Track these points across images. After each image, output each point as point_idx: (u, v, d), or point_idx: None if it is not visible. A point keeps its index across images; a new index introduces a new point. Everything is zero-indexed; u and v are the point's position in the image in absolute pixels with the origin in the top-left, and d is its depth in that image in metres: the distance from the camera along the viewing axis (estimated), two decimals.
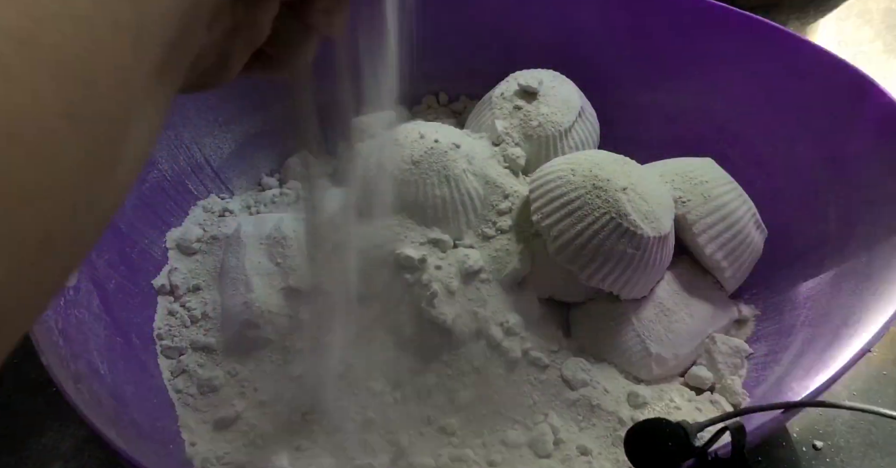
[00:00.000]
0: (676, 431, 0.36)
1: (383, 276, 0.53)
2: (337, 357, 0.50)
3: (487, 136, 0.61)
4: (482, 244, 0.55)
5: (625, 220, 0.50)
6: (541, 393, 0.52)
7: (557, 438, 0.50)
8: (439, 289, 0.52)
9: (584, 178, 0.52)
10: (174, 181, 0.62)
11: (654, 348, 0.53)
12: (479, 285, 0.53)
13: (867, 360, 0.57)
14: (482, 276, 0.53)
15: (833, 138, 0.57)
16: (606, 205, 0.50)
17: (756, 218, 0.57)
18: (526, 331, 0.54)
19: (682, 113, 0.66)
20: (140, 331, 0.54)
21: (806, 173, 0.59)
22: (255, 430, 0.50)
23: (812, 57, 0.58)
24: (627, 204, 0.51)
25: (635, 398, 0.52)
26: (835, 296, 0.51)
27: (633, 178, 0.52)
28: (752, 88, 0.62)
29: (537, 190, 0.53)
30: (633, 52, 0.66)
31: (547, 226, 0.52)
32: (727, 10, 0.62)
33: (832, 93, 0.57)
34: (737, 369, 0.54)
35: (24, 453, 0.52)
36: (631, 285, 0.53)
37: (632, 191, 0.51)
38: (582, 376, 0.52)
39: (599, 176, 0.51)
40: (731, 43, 0.62)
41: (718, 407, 0.52)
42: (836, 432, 0.53)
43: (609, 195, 0.51)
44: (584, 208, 0.51)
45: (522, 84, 0.62)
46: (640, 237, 0.50)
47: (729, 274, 0.57)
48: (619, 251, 0.51)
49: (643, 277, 0.53)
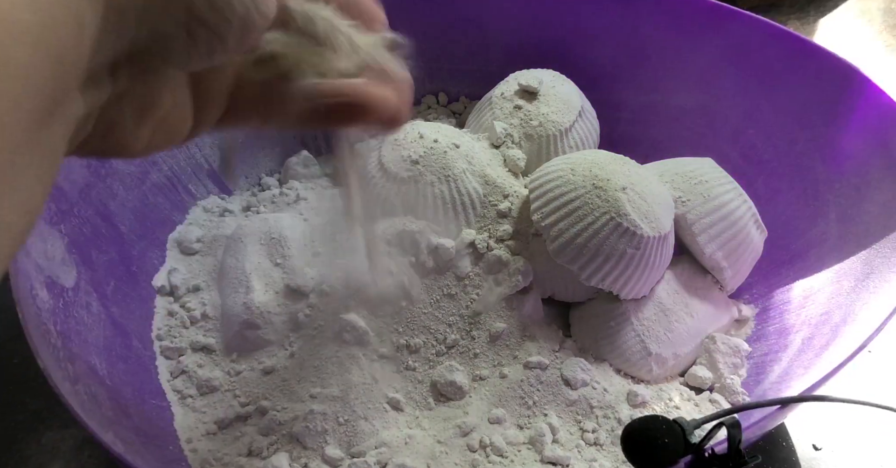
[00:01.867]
0: (673, 428, 0.36)
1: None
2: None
3: (487, 137, 0.61)
4: (484, 251, 0.55)
5: (625, 220, 0.50)
6: (541, 393, 0.52)
7: (557, 438, 0.50)
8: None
9: (583, 178, 0.52)
10: (174, 181, 0.63)
11: (653, 348, 0.53)
12: (478, 287, 0.54)
13: (867, 360, 0.57)
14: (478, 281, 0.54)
15: (833, 138, 0.57)
16: (606, 204, 0.50)
17: (756, 217, 0.57)
18: (526, 332, 0.54)
19: (682, 113, 0.66)
20: (139, 332, 0.54)
21: (806, 173, 0.59)
22: (254, 431, 0.50)
23: (812, 56, 0.58)
24: (627, 203, 0.50)
25: (635, 398, 0.52)
26: (834, 296, 0.51)
27: (633, 177, 0.52)
28: (753, 88, 0.62)
29: (537, 190, 0.53)
30: (633, 52, 0.66)
31: (547, 225, 0.52)
32: (728, 9, 0.62)
33: (832, 92, 0.57)
34: (736, 369, 0.54)
35: (24, 453, 0.52)
36: (631, 285, 0.52)
37: (631, 190, 0.51)
38: (582, 376, 0.52)
39: (599, 176, 0.51)
40: (732, 43, 0.62)
41: (718, 406, 0.52)
42: (836, 432, 0.52)
43: (609, 195, 0.51)
44: (584, 208, 0.51)
45: (522, 84, 0.62)
46: (639, 237, 0.50)
47: (729, 274, 0.57)
48: (619, 251, 0.51)
49: (643, 277, 0.53)
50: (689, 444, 0.36)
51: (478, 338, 0.54)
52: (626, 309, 0.54)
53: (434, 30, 0.68)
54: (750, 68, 0.62)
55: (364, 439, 0.49)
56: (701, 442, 0.36)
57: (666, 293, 0.56)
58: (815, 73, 0.58)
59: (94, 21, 0.19)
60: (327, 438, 0.49)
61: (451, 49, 0.70)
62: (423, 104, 0.74)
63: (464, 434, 0.51)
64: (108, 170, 0.56)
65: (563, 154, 0.60)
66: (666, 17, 0.64)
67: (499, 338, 0.54)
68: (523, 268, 0.54)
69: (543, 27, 0.68)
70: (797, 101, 0.60)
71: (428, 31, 0.68)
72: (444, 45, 0.70)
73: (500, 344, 0.54)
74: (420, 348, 0.53)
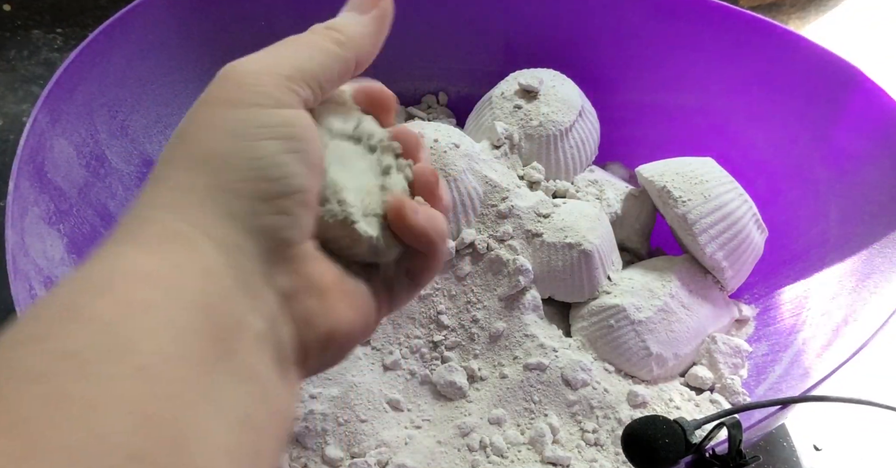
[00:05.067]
0: (673, 428, 0.36)
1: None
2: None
3: (487, 137, 0.61)
4: (483, 251, 0.55)
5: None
6: (541, 393, 0.52)
7: (557, 438, 0.50)
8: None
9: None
10: None
11: (654, 348, 0.53)
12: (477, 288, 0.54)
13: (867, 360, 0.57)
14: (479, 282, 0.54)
15: (833, 138, 0.57)
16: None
17: (756, 217, 0.57)
18: (526, 332, 0.54)
19: (682, 113, 0.66)
20: None
21: (806, 173, 0.59)
22: None
23: (812, 56, 0.58)
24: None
25: (635, 398, 0.52)
26: (834, 296, 0.51)
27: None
28: (753, 88, 0.62)
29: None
30: (632, 52, 0.66)
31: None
32: (728, 9, 0.62)
33: (832, 92, 0.57)
34: (737, 369, 0.54)
35: None
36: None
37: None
38: (582, 376, 0.52)
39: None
40: (732, 42, 0.62)
41: (718, 406, 0.52)
42: (836, 432, 0.52)
43: None
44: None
45: (522, 84, 0.62)
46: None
47: (729, 274, 0.57)
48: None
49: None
50: (689, 445, 0.36)
51: (478, 339, 0.54)
52: (626, 309, 0.54)
53: (434, 29, 0.68)
54: (750, 68, 0.62)
55: (364, 439, 0.49)
56: (701, 442, 0.36)
57: (666, 293, 0.55)
58: (816, 72, 0.58)
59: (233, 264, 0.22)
60: (327, 438, 0.49)
61: (451, 49, 0.70)
62: (423, 104, 0.74)
63: (464, 434, 0.51)
64: (108, 169, 0.56)
65: (563, 154, 0.60)
66: (666, 17, 0.64)
67: (499, 338, 0.54)
68: (523, 268, 0.54)
69: (543, 27, 0.68)
70: (797, 101, 0.60)
71: (428, 30, 0.68)
72: (444, 45, 0.70)
73: (500, 344, 0.54)
74: (420, 348, 0.53)
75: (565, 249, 0.54)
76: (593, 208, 0.58)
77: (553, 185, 0.59)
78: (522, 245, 0.55)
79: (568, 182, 0.61)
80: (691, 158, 0.60)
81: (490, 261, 0.54)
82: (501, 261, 0.54)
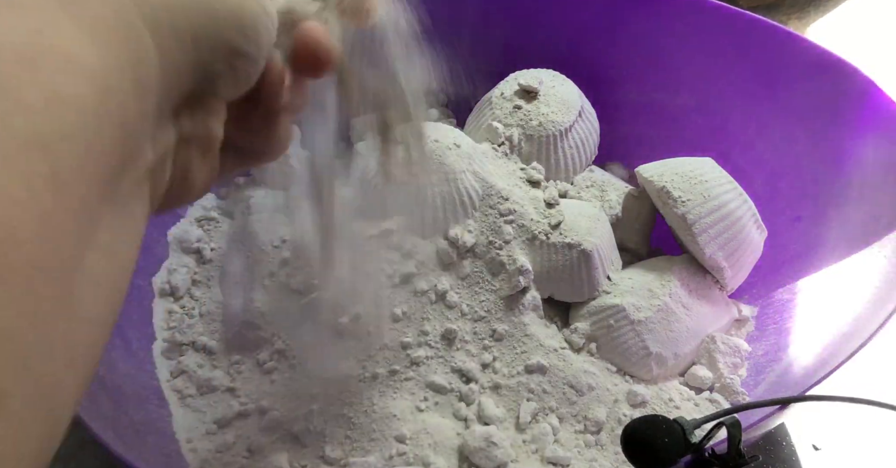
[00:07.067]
0: (673, 428, 0.36)
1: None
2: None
3: (487, 137, 0.61)
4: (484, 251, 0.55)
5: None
6: (541, 393, 0.52)
7: (557, 438, 0.50)
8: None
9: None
10: None
11: (654, 348, 0.53)
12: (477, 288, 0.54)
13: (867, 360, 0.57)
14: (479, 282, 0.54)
15: (833, 138, 0.57)
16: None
17: (756, 217, 0.57)
18: (526, 332, 0.54)
19: (682, 113, 0.66)
20: (139, 332, 0.54)
21: (806, 173, 0.59)
22: (254, 431, 0.50)
23: (812, 57, 0.58)
24: None
25: (634, 397, 0.52)
26: (834, 295, 0.51)
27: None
28: (753, 88, 0.62)
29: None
30: (632, 52, 0.66)
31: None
32: (728, 9, 0.62)
33: (832, 92, 0.57)
34: (736, 368, 0.54)
35: None
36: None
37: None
38: (582, 376, 0.52)
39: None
40: (732, 42, 0.62)
41: (718, 406, 0.52)
42: (836, 432, 0.52)
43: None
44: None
45: (522, 84, 0.62)
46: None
47: (729, 274, 0.57)
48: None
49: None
50: (689, 444, 0.36)
51: (478, 339, 0.54)
52: (625, 309, 0.54)
53: (434, 30, 0.68)
54: (750, 68, 0.62)
55: (364, 439, 0.49)
56: (701, 441, 0.36)
57: (666, 293, 0.56)
58: (816, 73, 0.58)
59: (155, 69, 0.20)
60: (327, 438, 0.49)
61: (451, 49, 0.70)
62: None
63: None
64: None
65: (563, 154, 0.60)
66: (666, 17, 0.64)
67: (499, 338, 0.54)
68: (523, 268, 0.54)
69: (543, 27, 0.68)
70: (797, 101, 0.60)
71: (428, 31, 0.68)
72: (444, 45, 0.70)
73: (500, 344, 0.54)
74: (420, 348, 0.53)
75: (565, 249, 0.54)
76: (593, 208, 0.58)
77: (553, 186, 0.59)
78: (522, 245, 0.55)
79: (568, 182, 0.61)
80: (691, 158, 0.60)
81: (490, 262, 0.54)
82: (501, 262, 0.54)
